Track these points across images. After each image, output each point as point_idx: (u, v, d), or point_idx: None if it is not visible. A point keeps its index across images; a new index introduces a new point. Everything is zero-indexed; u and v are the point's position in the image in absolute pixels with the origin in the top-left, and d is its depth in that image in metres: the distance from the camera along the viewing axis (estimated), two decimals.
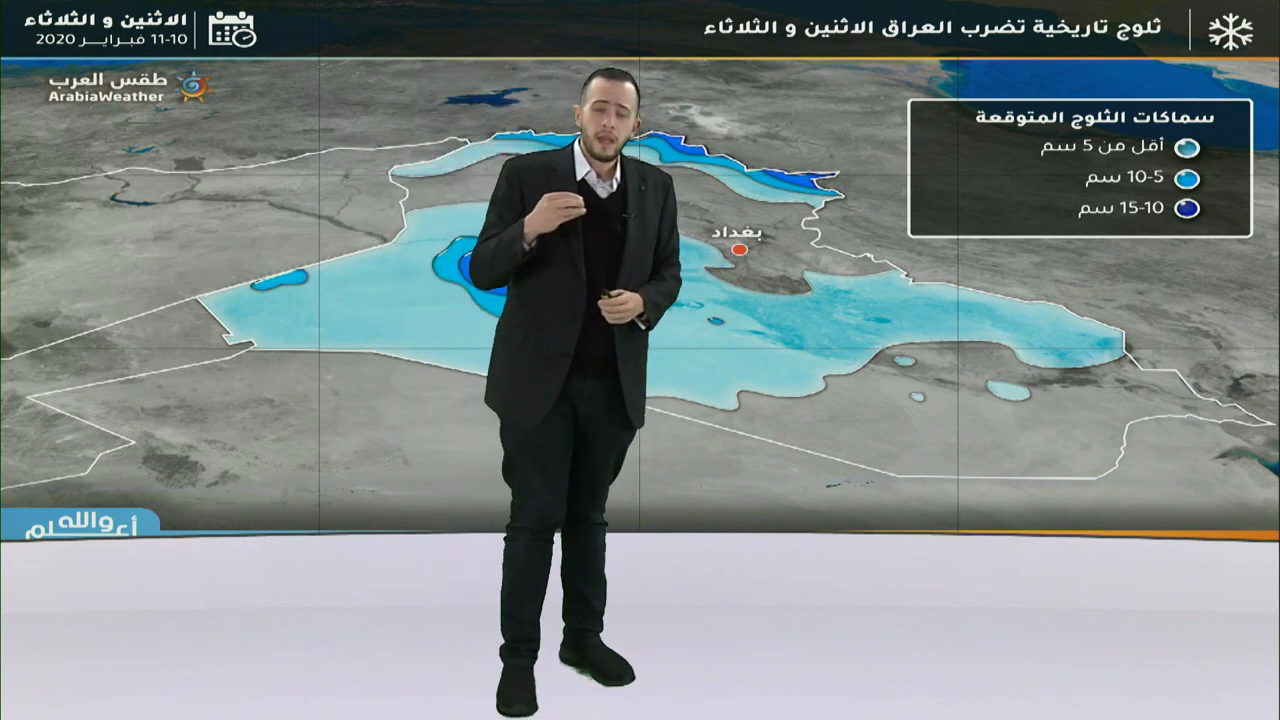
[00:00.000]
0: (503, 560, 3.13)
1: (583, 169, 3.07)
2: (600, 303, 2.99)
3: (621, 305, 2.99)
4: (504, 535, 3.14)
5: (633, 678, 3.24)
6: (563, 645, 3.35)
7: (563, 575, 3.29)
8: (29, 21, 4.26)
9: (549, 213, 2.94)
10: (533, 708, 3.04)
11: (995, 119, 4.30)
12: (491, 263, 3.03)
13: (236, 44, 4.30)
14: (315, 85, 4.30)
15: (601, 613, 3.32)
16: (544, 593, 3.14)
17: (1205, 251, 4.29)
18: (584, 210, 2.96)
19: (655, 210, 3.14)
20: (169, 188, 4.29)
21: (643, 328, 3.10)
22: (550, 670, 3.18)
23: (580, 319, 3.01)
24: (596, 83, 3.08)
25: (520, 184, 3.05)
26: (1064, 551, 4.23)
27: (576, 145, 3.11)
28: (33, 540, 4.21)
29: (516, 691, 3.06)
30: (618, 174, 3.10)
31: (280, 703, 3.19)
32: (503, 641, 3.15)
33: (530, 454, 3.07)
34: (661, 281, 3.15)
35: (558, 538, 3.22)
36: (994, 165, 4.29)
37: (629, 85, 3.08)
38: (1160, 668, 3.56)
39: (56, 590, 4.14)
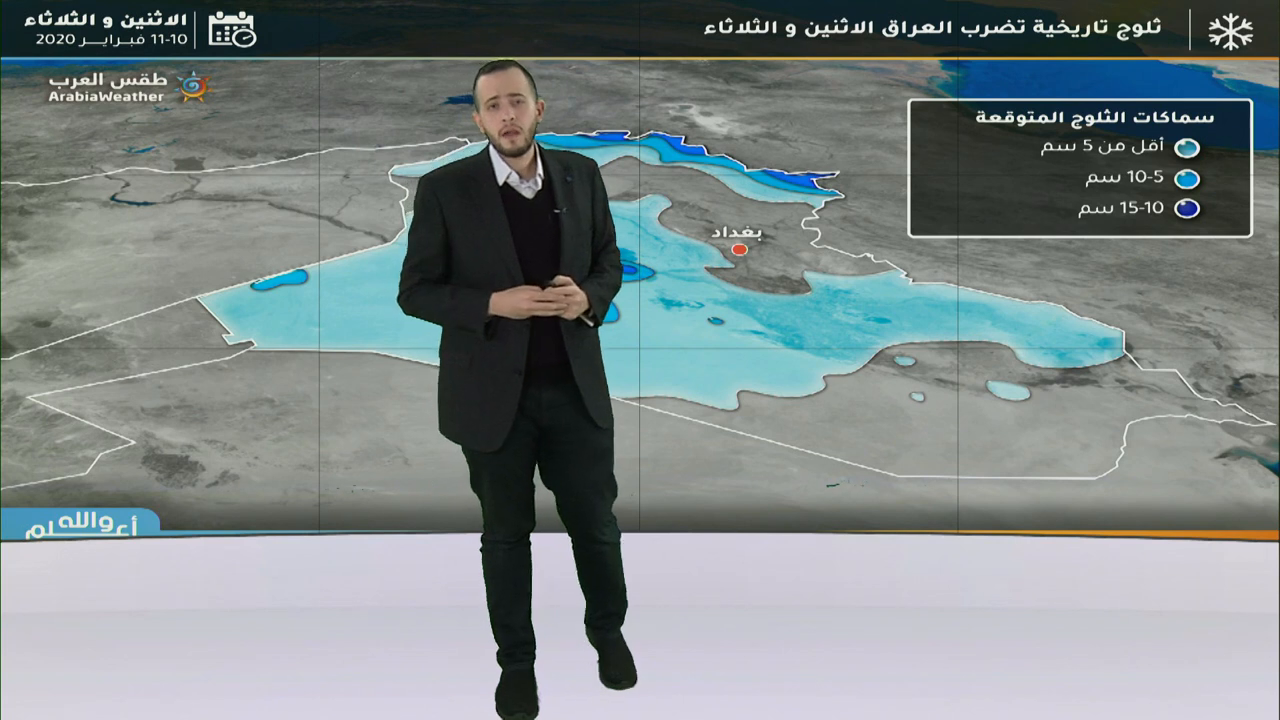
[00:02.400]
0: (483, 572, 3.07)
1: (503, 173, 2.92)
2: (545, 292, 2.82)
3: (571, 296, 2.83)
4: (480, 547, 3.11)
5: (632, 683, 3.21)
6: (586, 623, 3.25)
7: (580, 582, 3.23)
8: (29, 21, 4.26)
9: (524, 309, 2.82)
10: (533, 712, 3.03)
11: (995, 119, 4.30)
12: (438, 319, 2.95)
13: (236, 44, 4.30)
14: (315, 85, 4.30)
15: (619, 614, 3.25)
16: (530, 594, 3.10)
17: (1205, 251, 4.29)
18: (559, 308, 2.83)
19: (585, 198, 2.98)
20: (169, 188, 4.29)
21: (589, 324, 2.95)
22: (551, 669, 3.18)
23: (526, 331, 2.87)
24: (481, 81, 2.92)
25: (439, 200, 2.91)
26: (1064, 551, 4.23)
27: (491, 149, 2.95)
28: (33, 540, 4.20)
29: (516, 698, 3.04)
30: (539, 169, 2.95)
31: (280, 703, 3.19)
32: (499, 648, 3.13)
33: (494, 475, 2.97)
34: (602, 274, 3.00)
35: (567, 546, 3.20)
36: (994, 165, 4.29)
37: (515, 72, 2.92)
38: (1160, 668, 3.57)
39: (56, 590, 4.14)
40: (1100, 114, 4.28)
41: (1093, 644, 3.78)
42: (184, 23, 4.28)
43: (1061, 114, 4.29)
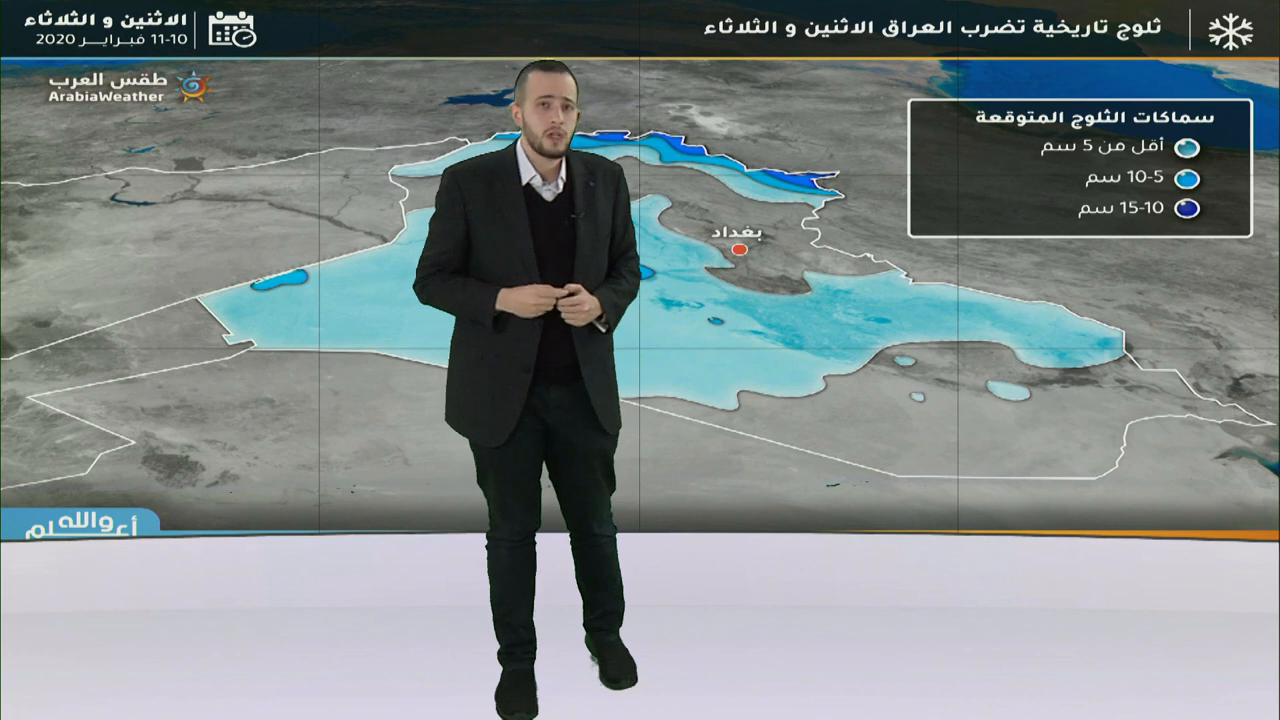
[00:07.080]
0: (487, 569, 3.10)
1: (527, 173, 2.93)
2: (551, 292, 2.87)
3: (578, 305, 2.87)
4: (485, 544, 3.12)
5: (633, 682, 3.21)
6: (585, 628, 3.32)
7: (577, 581, 3.26)
8: (29, 21, 4.26)
9: (530, 305, 2.85)
10: (533, 712, 3.03)
11: (995, 119, 4.30)
12: (451, 309, 2.97)
13: (236, 44, 4.30)
14: (315, 85, 4.30)
15: (617, 613, 3.28)
16: (533, 594, 3.11)
17: (1205, 251, 4.29)
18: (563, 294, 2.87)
19: (606, 204, 3.00)
20: (169, 188, 4.29)
21: (602, 330, 2.98)
22: (551, 669, 3.18)
23: (539, 330, 2.90)
24: (535, 77, 2.92)
25: (462, 192, 2.92)
26: (1064, 551, 4.23)
27: (519, 146, 2.96)
28: (33, 540, 4.21)
29: (516, 698, 3.05)
30: (562, 173, 2.96)
31: (280, 703, 3.19)
32: (499, 647, 3.14)
33: (500, 470, 2.99)
34: (619, 280, 3.03)
35: (566, 545, 3.21)
36: (994, 165, 4.29)
37: (569, 76, 2.94)
38: (1160, 668, 3.56)
39: (56, 590, 4.14)
40: (1100, 114, 4.28)
41: (1093, 644, 3.78)
42: (184, 23, 4.28)
43: (1061, 114, 4.29)
